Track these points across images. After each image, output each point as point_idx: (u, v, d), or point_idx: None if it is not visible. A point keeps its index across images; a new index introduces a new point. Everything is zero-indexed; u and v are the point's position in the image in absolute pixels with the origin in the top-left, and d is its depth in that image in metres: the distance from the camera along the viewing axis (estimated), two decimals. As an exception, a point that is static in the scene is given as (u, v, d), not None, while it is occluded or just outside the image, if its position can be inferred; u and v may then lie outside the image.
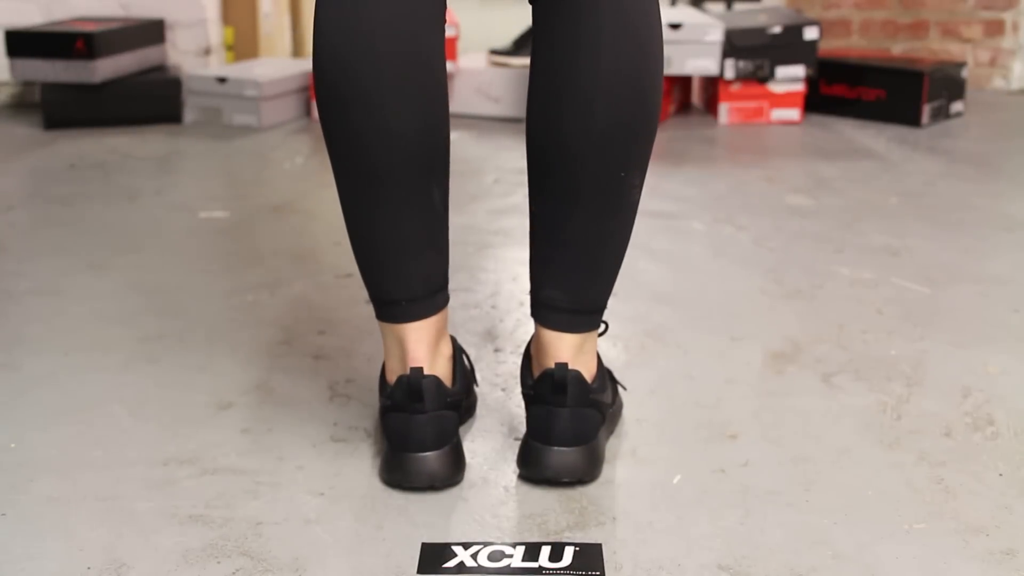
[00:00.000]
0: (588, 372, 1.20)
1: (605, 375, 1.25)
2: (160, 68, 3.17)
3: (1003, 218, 2.20)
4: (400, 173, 1.11)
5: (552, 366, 1.18)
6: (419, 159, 1.12)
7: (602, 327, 1.24)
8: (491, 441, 1.29)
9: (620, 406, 1.34)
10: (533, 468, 1.17)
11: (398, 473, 1.17)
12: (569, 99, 1.11)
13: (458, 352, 1.27)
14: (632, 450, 1.27)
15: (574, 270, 1.17)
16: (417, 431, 1.16)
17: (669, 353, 1.53)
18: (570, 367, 1.18)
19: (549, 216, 1.16)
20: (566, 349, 1.19)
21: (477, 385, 1.37)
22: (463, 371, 1.27)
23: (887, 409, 1.37)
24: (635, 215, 1.18)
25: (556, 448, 1.16)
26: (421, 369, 1.16)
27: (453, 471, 1.17)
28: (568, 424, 1.17)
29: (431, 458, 1.16)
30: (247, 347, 1.55)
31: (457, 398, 1.21)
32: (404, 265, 1.16)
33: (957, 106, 3.18)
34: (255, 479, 1.20)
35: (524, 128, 1.17)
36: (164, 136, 2.93)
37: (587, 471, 1.18)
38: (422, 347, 1.18)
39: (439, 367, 1.20)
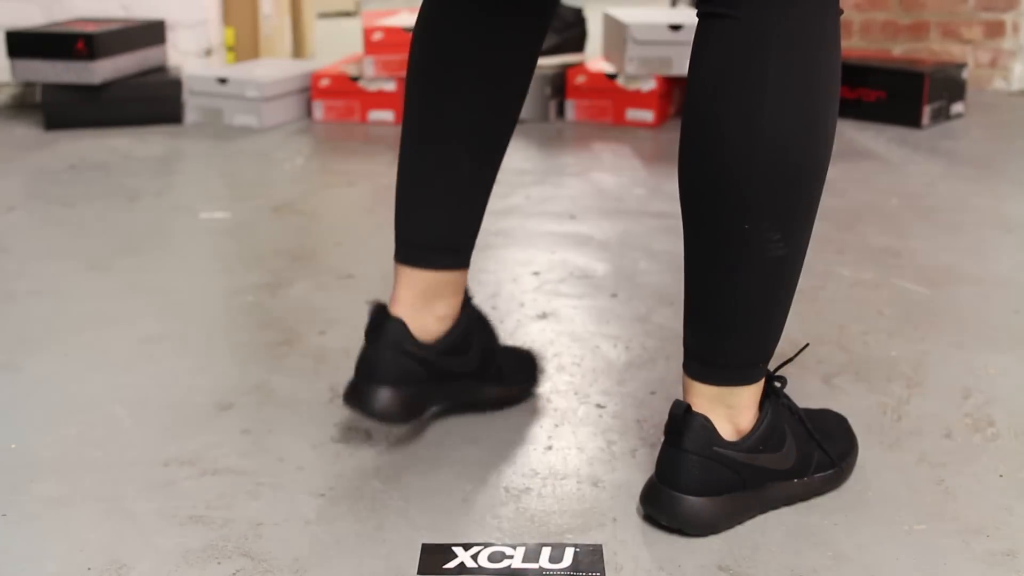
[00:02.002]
0: (730, 427, 1.11)
1: (769, 437, 1.13)
2: (161, 69, 3.17)
3: (1004, 219, 2.20)
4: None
5: None
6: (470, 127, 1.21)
7: (750, 386, 1.12)
8: (491, 442, 1.29)
9: (816, 484, 1.17)
10: (645, 503, 1.13)
11: (349, 394, 1.23)
12: (698, 134, 1.04)
13: (468, 328, 1.28)
14: (632, 450, 1.27)
15: (698, 318, 1.11)
16: (366, 362, 1.22)
17: (669, 353, 1.53)
18: (704, 413, 1.10)
19: (685, 253, 1.11)
20: (697, 397, 1.11)
21: (502, 383, 1.35)
22: (465, 345, 1.28)
23: (887, 410, 1.37)
24: (786, 272, 1.07)
25: (662, 487, 1.10)
26: (385, 307, 1.23)
27: (396, 411, 1.21)
28: (669, 466, 1.10)
29: (378, 392, 1.21)
30: (247, 348, 1.55)
31: (428, 357, 1.24)
32: (412, 205, 1.25)
33: (958, 107, 3.18)
34: (255, 480, 1.20)
35: (532, 131, 1.18)
36: (165, 137, 2.94)
37: (674, 518, 1.10)
38: (407, 293, 1.24)
39: (423, 321, 1.24)
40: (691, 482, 1.09)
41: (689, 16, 3.21)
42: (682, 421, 1.09)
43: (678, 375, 1.46)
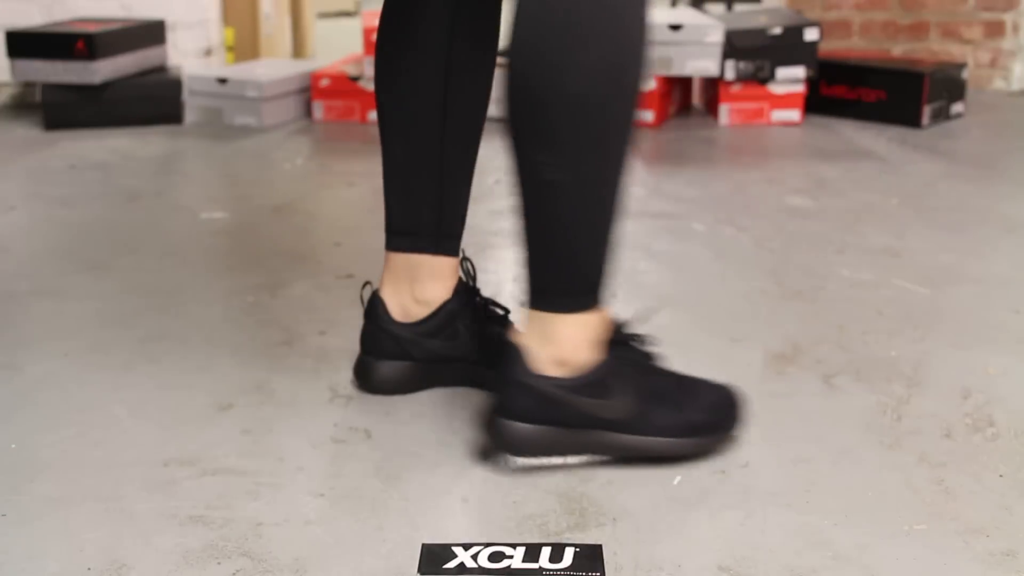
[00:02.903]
0: (551, 360, 1.18)
1: (595, 384, 1.19)
2: (161, 69, 3.18)
3: (1003, 219, 2.21)
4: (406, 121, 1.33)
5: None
6: (425, 113, 1.30)
7: (569, 317, 1.17)
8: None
9: (658, 446, 1.22)
10: (483, 429, 1.23)
11: (354, 366, 1.41)
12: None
13: (454, 313, 1.36)
14: (632, 451, 1.27)
15: (520, 243, 1.19)
16: (361, 336, 1.39)
17: (669, 354, 1.53)
18: (524, 342, 1.19)
19: None
20: (525, 323, 1.20)
21: (477, 361, 1.40)
22: (451, 331, 1.37)
23: (887, 410, 1.37)
24: (566, 197, 1.12)
25: (492, 412, 1.21)
26: (377, 290, 1.37)
27: (380, 382, 1.37)
28: (496, 392, 1.21)
29: (365, 363, 1.38)
30: (247, 348, 1.55)
31: (402, 335, 1.36)
32: (385, 192, 1.37)
33: (957, 107, 3.18)
34: (255, 480, 1.20)
35: None
36: (165, 137, 2.94)
37: (495, 438, 1.21)
38: (387, 275, 1.37)
39: (403, 301, 1.36)
40: (508, 406, 1.19)
41: (689, 16, 3.21)
42: (506, 350, 1.20)
43: (678, 375, 1.47)
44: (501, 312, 1.42)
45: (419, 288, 1.37)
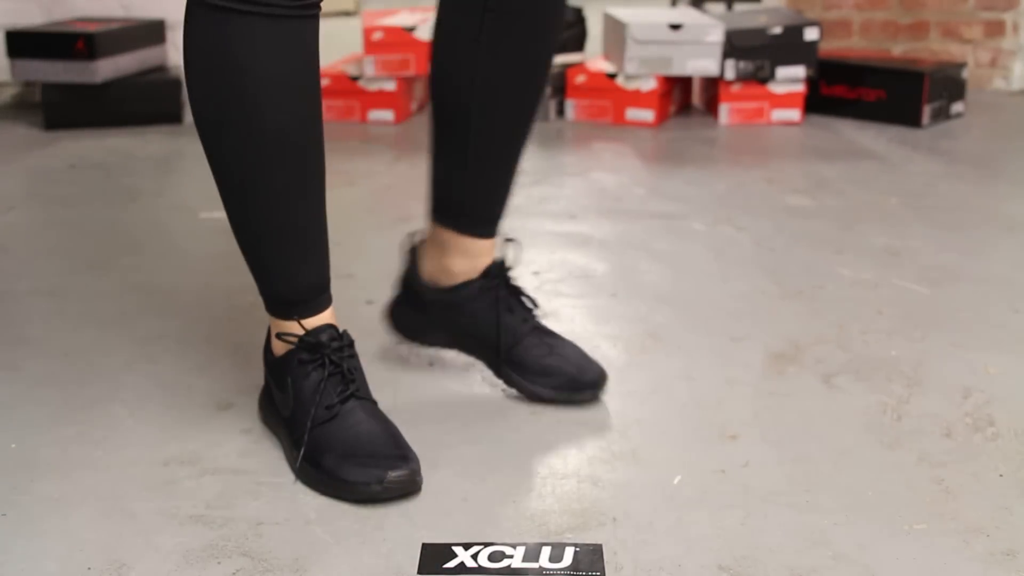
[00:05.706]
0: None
1: (282, 378, 1.26)
2: (161, 68, 3.17)
3: (1003, 218, 2.20)
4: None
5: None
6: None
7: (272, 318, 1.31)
8: (491, 442, 1.29)
9: (298, 465, 1.22)
10: None
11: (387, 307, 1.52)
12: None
13: (471, 296, 1.39)
14: (632, 451, 1.27)
15: None
16: (398, 277, 1.51)
17: (669, 354, 1.54)
18: None
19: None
20: None
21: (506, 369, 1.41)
22: (468, 311, 1.40)
23: (887, 410, 1.37)
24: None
25: None
26: (419, 244, 1.45)
27: (394, 322, 1.49)
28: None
29: (390, 304, 1.48)
30: (247, 347, 1.55)
31: (426, 296, 1.42)
32: (431, 163, 1.42)
33: (957, 107, 3.18)
34: (255, 479, 1.20)
35: (532, 130, 1.38)
36: (165, 136, 2.93)
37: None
38: (428, 240, 1.43)
39: (431, 266, 1.42)
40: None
41: (689, 16, 3.21)
42: None
43: (678, 375, 1.47)
44: (528, 305, 1.41)
45: (449, 261, 1.40)
